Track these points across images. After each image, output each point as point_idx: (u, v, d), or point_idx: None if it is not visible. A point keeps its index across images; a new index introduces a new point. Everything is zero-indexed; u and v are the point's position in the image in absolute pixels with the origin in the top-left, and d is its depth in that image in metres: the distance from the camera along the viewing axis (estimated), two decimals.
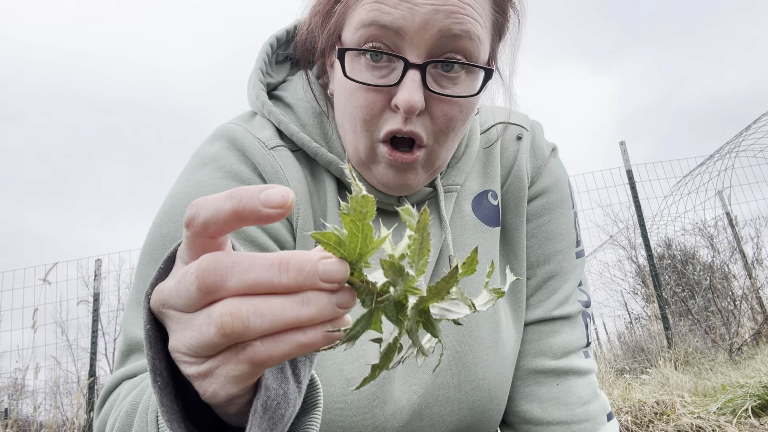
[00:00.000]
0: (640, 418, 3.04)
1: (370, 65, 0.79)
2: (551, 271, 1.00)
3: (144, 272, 0.80)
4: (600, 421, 0.94)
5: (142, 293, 0.78)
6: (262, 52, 0.97)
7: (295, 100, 0.94)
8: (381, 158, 0.83)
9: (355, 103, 0.81)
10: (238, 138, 0.87)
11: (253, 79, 0.95)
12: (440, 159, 0.86)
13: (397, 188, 0.86)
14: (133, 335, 0.76)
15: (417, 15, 0.76)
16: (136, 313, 0.77)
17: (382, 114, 0.80)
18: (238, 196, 0.37)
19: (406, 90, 0.76)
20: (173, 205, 0.82)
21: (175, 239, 0.78)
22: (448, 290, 0.39)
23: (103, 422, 0.73)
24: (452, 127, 0.82)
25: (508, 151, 1.02)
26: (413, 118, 0.79)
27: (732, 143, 7.81)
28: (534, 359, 0.98)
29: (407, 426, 0.87)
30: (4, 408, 7.49)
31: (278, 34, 1.00)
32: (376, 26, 0.77)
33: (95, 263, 6.78)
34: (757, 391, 3.01)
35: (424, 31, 0.76)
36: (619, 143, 6.76)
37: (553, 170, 1.03)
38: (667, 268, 9.36)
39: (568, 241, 1.02)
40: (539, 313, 0.99)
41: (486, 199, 0.99)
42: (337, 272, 0.37)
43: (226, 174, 0.84)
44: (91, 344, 6.41)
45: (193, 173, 0.85)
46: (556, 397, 0.94)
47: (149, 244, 0.81)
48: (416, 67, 0.77)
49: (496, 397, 0.93)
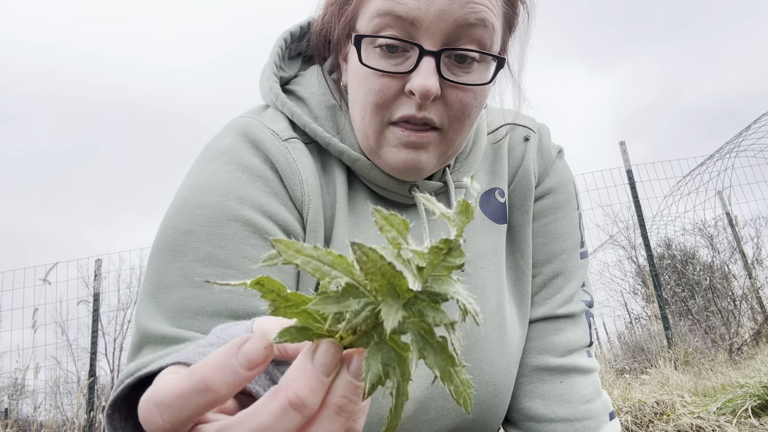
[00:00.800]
0: (640, 418, 3.04)
1: (384, 54, 0.80)
2: (556, 269, 1.01)
3: (156, 264, 0.80)
4: (602, 420, 0.95)
5: (154, 285, 0.78)
6: (276, 47, 0.98)
7: (307, 93, 0.95)
8: (391, 141, 0.84)
9: (368, 88, 0.82)
10: (250, 130, 0.87)
11: (267, 72, 0.96)
12: (454, 145, 0.87)
13: (407, 171, 0.86)
14: (146, 327, 0.76)
15: (433, 5, 0.77)
16: (148, 305, 0.77)
17: (395, 99, 0.82)
18: (206, 381, 0.35)
19: (421, 75, 0.77)
20: (185, 198, 0.82)
21: (189, 233, 0.78)
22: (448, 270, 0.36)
23: None
24: (467, 113, 0.84)
25: (515, 151, 1.04)
26: (427, 104, 0.81)
27: (732, 143, 7.81)
28: (538, 356, 0.99)
29: (413, 418, 0.88)
30: (4, 408, 7.50)
31: (292, 29, 1.01)
32: (392, 16, 0.78)
33: (95, 263, 6.78)
34: (757, 391, 3.01)
35: (439, 21, 0.77)
36: (619, 143, 6.76)
37: (559, 171, 1.05)
38: (667, 268, 9.36)
39: (573, 241, 1.03)
40: (544, 310, 1.00)
41: (493, 196, 1.00)
42: (254, 352, 0.35)
43: (237, 167, 0.83)
44: (91, 344, 6.41)
45: (205, 167, 0.85)
46: (559, 394, 0.95)
47: (162, 238, 0.81)
48: (431, 54, 0.78)
49: (501, 392, 0.94)
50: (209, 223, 0.78)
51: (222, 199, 0.80)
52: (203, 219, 0.78)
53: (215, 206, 0.79)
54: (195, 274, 0.75)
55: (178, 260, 0.77)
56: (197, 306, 0.74)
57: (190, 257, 0.77)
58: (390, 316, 0.34)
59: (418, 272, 0.35)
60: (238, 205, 0.79)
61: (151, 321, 0.75)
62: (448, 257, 0.36)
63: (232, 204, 0.79)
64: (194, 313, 0.74)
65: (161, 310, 0.75)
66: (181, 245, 0.78)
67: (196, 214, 0.79)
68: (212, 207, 0.79)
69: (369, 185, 0.92)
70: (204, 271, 0.76)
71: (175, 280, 0.76)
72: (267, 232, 0.80)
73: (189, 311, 0.74)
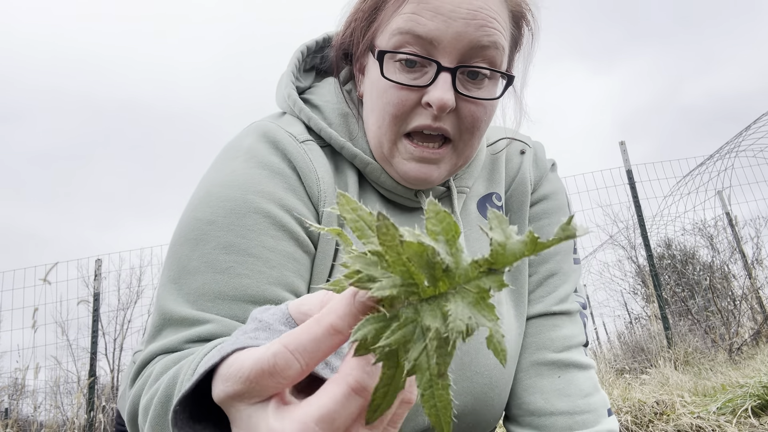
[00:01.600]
0: (640, 418, 3.05)
1: (404, 69, 0.87)
2: (551, 269, 1.07)
3: (179, 252, 0.84)
4: (601, 414, 0.97)
5: (176, 271, 0.83)
6: (294, 58, 1.05)
7: (322, 102, 1.01)
8: (403, 154, 0.90)
9: (387, 100, 0.88)
10: (270, 132, 0.93)
11: (285, 80, 1.03)
12: (464, 156, 0.94)
13: (417, 182, 0.92)
14: (168, 310, 0.80)
15: (451, 27, 0.84)
16: (170, 290, 0.82)
17: (412, 111, 0.88)
18: (335, 326, 0.40)
19: (439, 89, 0.85)
20: (208, 191, 0.87)
21: (211, 222, 0.83)
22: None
23: (137, 397, 0.75)
24: (477, 126, 0.91)
25: (512, 162, 1.12)
26: (442, 116, 0.87)
27: (732, 143, 7.82)
28: (536, 352, 1.02)
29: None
30: (5, 408, 7.50)
31: (308, 43, 1.07)
32: (412, 35, 0.85)
33: (95, 263, 6.78)
34: (756, 391, 3.01)
35: (456, 42, 0.84)
36: (619, 143, 6.76)
37: (552, 181, 1.14)
38: (667, 268, 9.36)
39: (567, 245, 1.10)
40: (540, 307, 1.05)
41: (491, 200, 1.07)
42: (365, 297, 0.39)
43: (258, 164, 0.89)
44: (91, 344, 6.41)
45: (227, 163, 0.91)
46: (558, 388, 0.98)
47: (184, 227, 0.86)
48: (448, 71, 0.85)
49: (497, 385, 0.97)
50: (231, 214, 0.83)
51: (244, 193, 0.85)
52: (225, 210, 0.84)
53: (237, 199, 0.84)
54: (217, 261, 0.81)
55: (201, 248, 0.82)
56: (218, 290, 0.79)
57: (212, 245, 0.82)
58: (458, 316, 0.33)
59: (445, 275, 0.35)
60: (259, 198, 0.85)
61: (174, 304, 0.80)
62: (486, 277, 0.35)
63: (253, 197, 0.85)
64: (215, 297, 0.79)
65: (183, 294, 0.80)
66: (203, 234, 0.83)
67: (218, 206, 0.84)
68: (234, 200, 0.84)
69: (378, 189, 0.98)
70: (226, 258, 0.81)
71: (198, 266, 0.81)
72: (285, 224, 0.85)
73: (210, 295, 0.79)
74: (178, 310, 0.78)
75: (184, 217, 0.87)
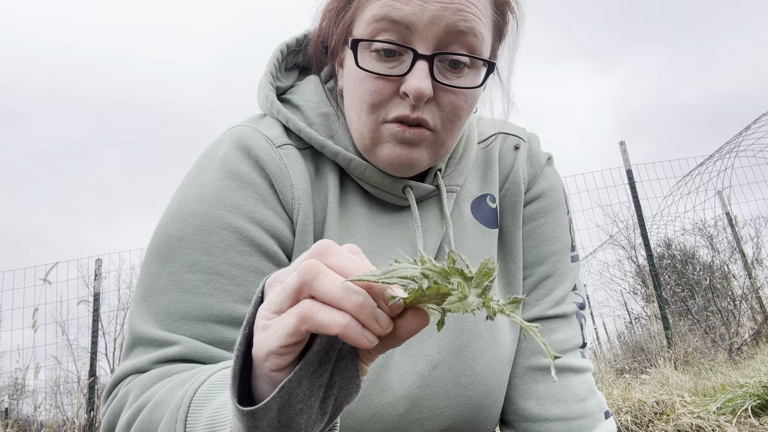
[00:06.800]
0: (640, 418, 3.05)
1: (380, 58, 0.84)
2: (547, 271, 1.04)
3: (149, 268, 0.84)
4: (598, 418, 0.96)
5: (146, 289, 0.82)
6: (273, 58, 1.02)
7: (303, 101, 0.98)
8: (387, 138, 0.87)
9: (364, 89, 0.86)
10: (244, 137, 0.91)
11: (263, 82, 1.00)
12: (446, 146, 0.91)
13: (402, 167, 0.89)
14: (137, 329, 0.80)
15: (426, 11, 0.81)
16: (140, 308, 0.81)
17: (390, 100, 0.85)
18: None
19: (415, 78, 0.82)
20: (179, 205, 0.86)
21: (180, 239, 0.83)
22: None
23: (114, 415, 0.75)
24: (458, 115, 0.88)
25: (505, 159, 1.08)
26: (421, 106, 0.84)
27: (732, 143, 7.81)
28: (531, 357, 1.00)
29: (405, 416, 0.89)
30: (5, 408, 7.50)
31: (288, 41, 1.04)
32: (388, 21, 0.82)
33: (95, 263, 6.77)
34: (756, 390, 3.01)
35: (432, 26, 0.82)
36: (619, 143, 6.76)
37: (548, 177, 1.09)
38: (666, 268, 9.36)
39: (563, 244, 1.06)
40: (535, 311, 1.02)
41: (484, 202, 1.04)
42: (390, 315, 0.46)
43: (228, 174, 0.87)
44: (91, 344, 6.41)
45: (199, 174, 0.90)
46: (553, 393, 0.96)
47: (156, 243, 0.85)
48: (424, 58, 0.82)
49: (493, 393, 0.95)
50: (199, 231, 0.83)
51: (212, 208, 0.84)
52: (194, 227, 0.83)
53: (206, 215, 0.84)
54: (183, 280, 0.80)
55: (169, 266, 0.82)
56: (183, 311, 0.79)
57: (180, 263, 0.81)
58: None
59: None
60: (227, 214, 0.84)
61: (142, 323, 0.79)
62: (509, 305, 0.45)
63: (221, 212, 0.84)
64: (181, 317, 0.78)
65: (151, 313, 0.80)
66: (172, 251, 0.82)
67: (188, 222, 0.84)
68: (203, 216, 0.84)
69: (363, 185, 0.95)
70: (191, 277, 0.80)
71: (165, 284, 0.81)
72: (252, 239, 0.84)
73: (176, 315, 0.79)
74: (147, 331, 0.78)
75: (157, 231, 0.87)
